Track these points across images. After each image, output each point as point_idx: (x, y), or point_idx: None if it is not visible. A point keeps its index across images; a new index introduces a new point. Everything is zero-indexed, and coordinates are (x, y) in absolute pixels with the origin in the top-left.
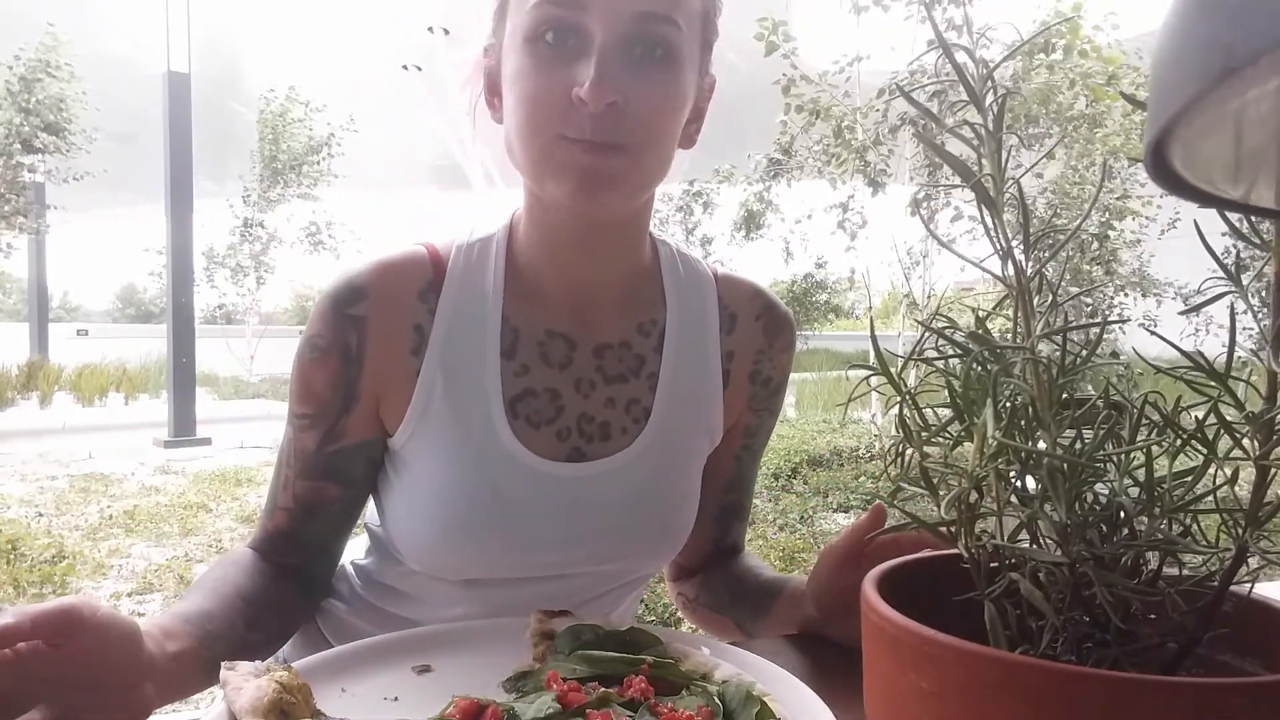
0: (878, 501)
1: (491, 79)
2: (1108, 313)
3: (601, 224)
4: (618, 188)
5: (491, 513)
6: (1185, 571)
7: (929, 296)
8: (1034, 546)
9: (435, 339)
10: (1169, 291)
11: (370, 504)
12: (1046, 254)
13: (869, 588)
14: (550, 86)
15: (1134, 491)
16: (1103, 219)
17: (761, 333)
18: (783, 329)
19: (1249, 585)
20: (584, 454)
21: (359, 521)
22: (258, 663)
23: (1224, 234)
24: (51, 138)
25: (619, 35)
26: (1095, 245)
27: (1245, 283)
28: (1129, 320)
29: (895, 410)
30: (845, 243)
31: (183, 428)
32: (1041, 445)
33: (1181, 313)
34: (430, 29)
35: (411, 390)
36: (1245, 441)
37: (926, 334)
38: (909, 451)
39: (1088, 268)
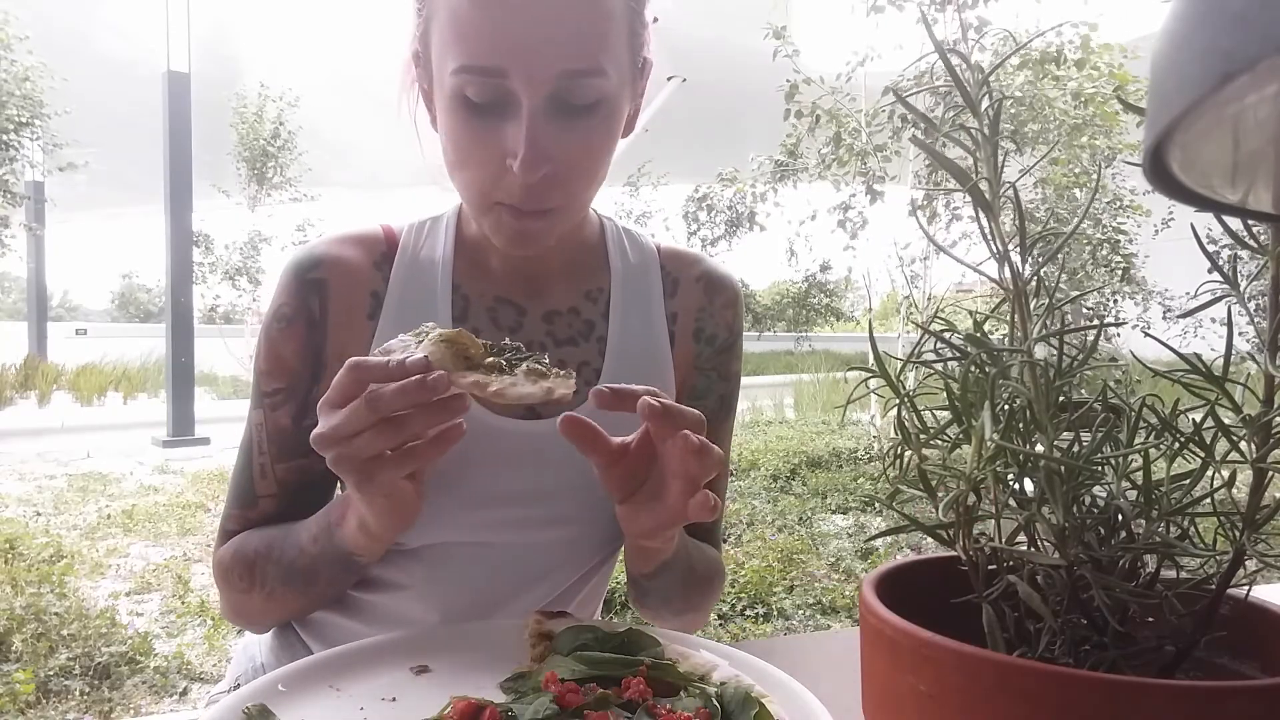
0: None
1: (426, 93)
2: (1106, 316)
3: None
4: (547, 239)
5: (446, 468)
6: (1183, 574)
7: (929, 299)
8: (1032, 549)
9: (389, 303)
10: (1157, 297)
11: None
12: (1043, 257)
13: (868, 590)
14: (483, 155)
15: (1132, 494)
16: (1102, 217)
17: (702, 292)
18: (723, 287)
19: (1246, 588)
20: (539, 412)
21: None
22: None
23: (1215, 238)
24: (26, 125)
25: (545, 96)
26: (1106, 250)
27: (1242, 286)
28: (1125, 323)
29: (894, 412)
30: (845, 243)
31: (181, 427)
32: (1039, 448)
33: (1180, 315)
34: None
35: (367, 353)
36: (1243, 444)
37: (925, 336)
38: (908, 453)
39: (1099, 271)
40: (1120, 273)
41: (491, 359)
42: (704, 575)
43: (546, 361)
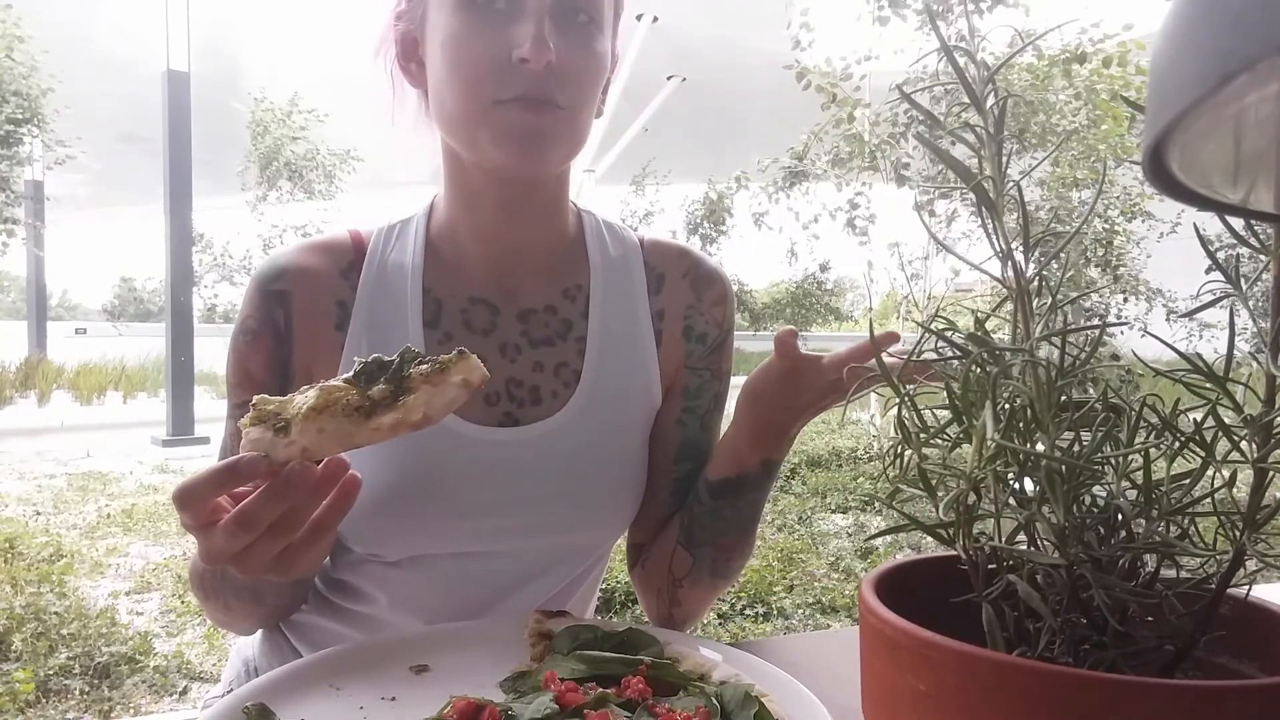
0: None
1: (406, 44)
2: (1107, 316)
3: (524, 187)
4: (555, 146)
5: (424, 480)
6: (1183, 574)
7: (928, 298)
8: (1032, 548)
9: (358, 313)
10: (1161, 299)
11: None
12: (1046, 256)
13: (867, 589)
14: (487, 50)
15: (1132, 494)
16: (1106, 221)
17: (690, 288)
18: (712, 283)
19: (1246, 588)
20: (516, 419)
21: None
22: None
23: (1216, 236)
24: (30, 127)
25: (551, 2)
26: (1101, 250)
27: (1244, 286)
28: (1128, 323)
29: (894, 411)
30: (854, 243)
31: (181, 426)
32: (1040, 447)
33: (1182, 315)
34: None
35: (338, 364)
36: (1243, 444)
37: (926, 335)
38: (908, 453)
39: (1094, 272)
40: (1105, 268)
41: (377, 389)
42: (757, 517)
43: (426, 357)
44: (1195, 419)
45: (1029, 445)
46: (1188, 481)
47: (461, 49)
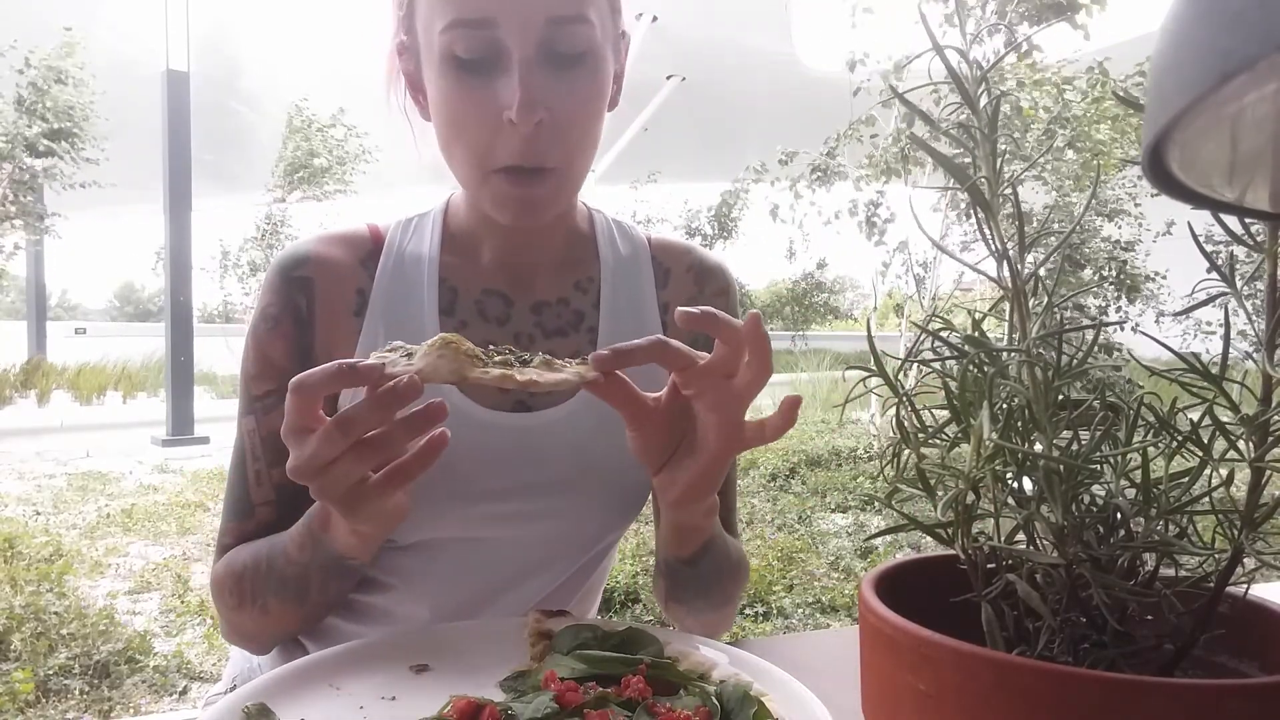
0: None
1: (412, 79)
2: (1104, 316)
3: None
4: (549, 206)
5: (438, 459)
6: (1181, 573)
7: (933, 298)
8: (1031, 548)
9: (376, 300)
10: (1155, 300)
11: None
12: (1043, 255)
13: (867, 589)
14: (476, 113)
15: (1130, 493)
16: (1098, 221)
17: (693, 281)
18: (714, 276)
19: (1245, 587)
20: (528, 406)
21: None
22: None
23: (1211, 237)
24: (62, 144)
25: (535, 45)
26: (1113, 272)
27: (1240, 285)
28: (1125, 322)
29: (893, 411)
30: (860, 242)
31: (181, 426)
32: (1038, 447)
33: (1177, 314)
34: None
35: (354, 351)
36: (1240, 443)
37: (924, 335)
38: (906, 452)
39: (1091, 275)
40: (1123, 289)
41: (501, 357)
42: (736, 561)
43: (550, 358)
44: (1192, 418)
45: (1027, 445)
46: (1186, 480)
47: (455, 112)
